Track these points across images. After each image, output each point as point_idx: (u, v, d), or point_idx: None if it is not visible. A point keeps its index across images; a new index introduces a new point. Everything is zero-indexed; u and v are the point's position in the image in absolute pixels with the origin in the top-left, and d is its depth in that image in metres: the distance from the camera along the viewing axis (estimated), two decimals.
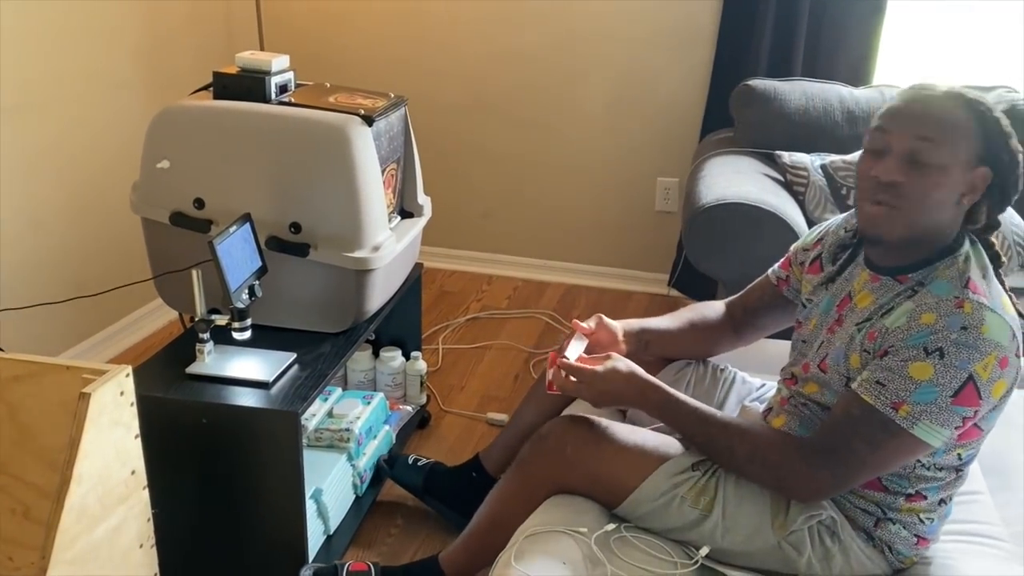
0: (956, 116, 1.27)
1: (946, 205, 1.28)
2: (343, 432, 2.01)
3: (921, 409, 1.23)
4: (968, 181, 1.28)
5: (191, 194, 1.85)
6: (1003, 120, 1.30)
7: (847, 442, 1.29)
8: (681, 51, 3.07)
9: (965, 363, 1.21)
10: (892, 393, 1.25)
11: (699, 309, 1.76)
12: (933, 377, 1.22)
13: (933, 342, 1.23)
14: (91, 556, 1.26)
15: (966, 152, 1.27)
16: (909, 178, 1.27)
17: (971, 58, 2.89)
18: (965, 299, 1.24)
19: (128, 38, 2.70)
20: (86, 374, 1.30)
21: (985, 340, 1.21)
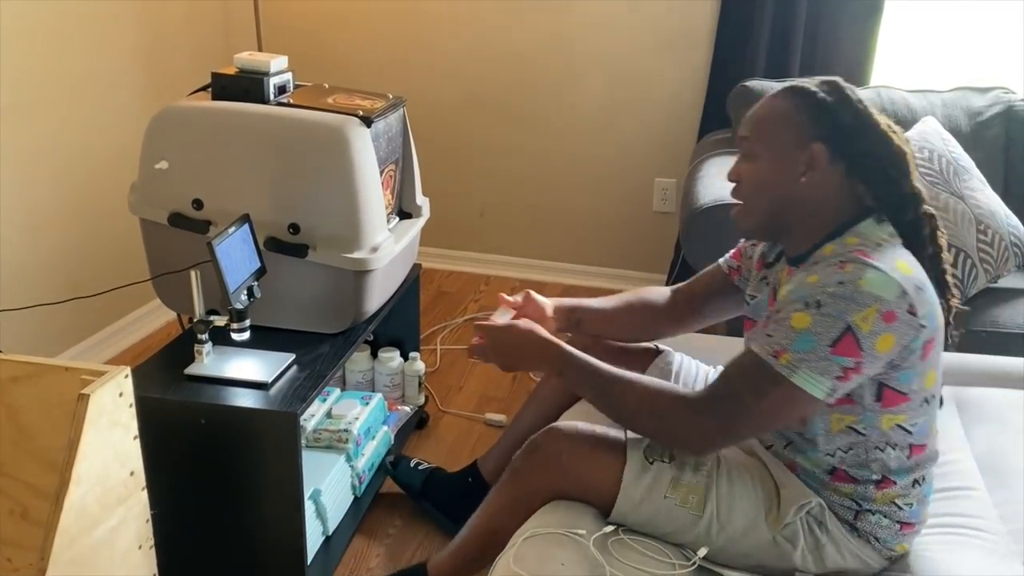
0: (775, 108, 1.38)
1: (786, 187, 1.36)
2: (342, 433, 2.01)
3: (800, 357, 1.26)
4: (803, 160, 1.35)
5: (190, 195, 1.85)
6: (844, 95, 1.35)
7: (734, 390, 1.31)
8: (679, 52, 3.07)
9: (842, 313, 1.24)
10: (775, 343, 1.28)
11: (642, 292, 1.79)
12: (811, 326, 1.25)
13: (812, 295, 1.27)
14: (90, 557, 1.26)
15: (791, 136, 1.35)
16: (743, 173, 1.41)
17: (969, 59, 2.90)
18: (848, 260, 1.28)
19: (126, 38, 2.70)
20: (85, 375, 1.30)
21: (862, 292, 1.24)
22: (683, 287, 1.77)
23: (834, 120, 1.34)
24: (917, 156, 2.31)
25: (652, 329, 1.77)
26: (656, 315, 1.75)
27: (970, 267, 2.23)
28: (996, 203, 2.35)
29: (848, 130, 1.34)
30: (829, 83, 1.37)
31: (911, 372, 1.31)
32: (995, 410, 1.79)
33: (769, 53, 2.90)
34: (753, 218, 1.42)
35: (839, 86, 1.37)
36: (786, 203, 1.38)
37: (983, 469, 1.63)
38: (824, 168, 1.34)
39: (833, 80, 1.38)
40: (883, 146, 1.36)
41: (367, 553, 1.96)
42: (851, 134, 1.34)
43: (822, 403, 1.28)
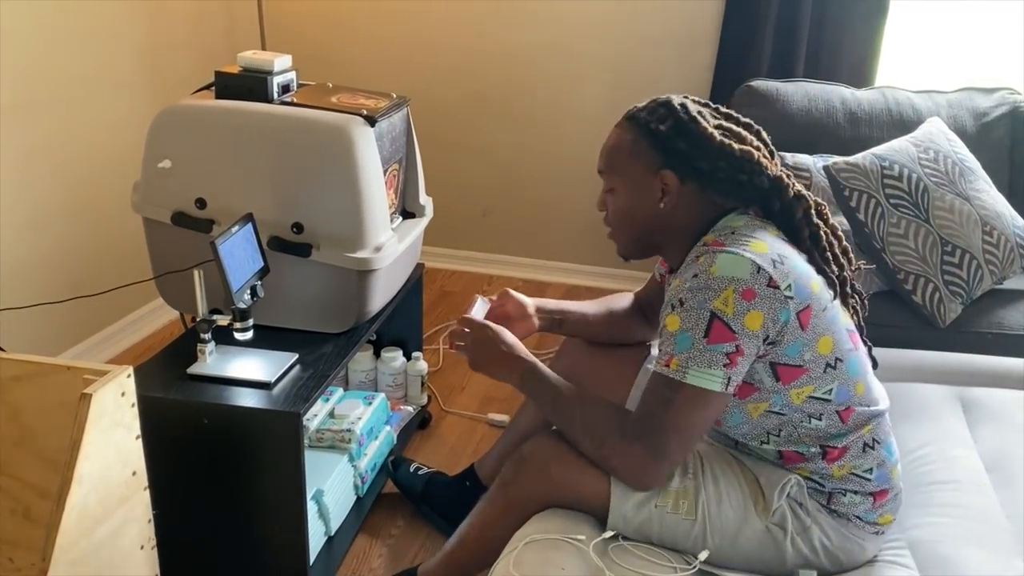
0: (619, 141, 1.46)
1: (648, 212, 1.43)
2: (344, 433, 2.01)
3: (686, 357, 1.30)
4: (657, 187, 1.41)
5: (193, 194, 1.85)
6: (678, 119, 1.39)
7: (648, 410, 1.34)
8: (683, 51, 3.06)
9: (702, 303, 1.29)
10: (663, 354, 1.33)
11: (616, 298, 1.85)
12: (681, 325, 1.31)
13: (675, 296, 1.33)
14: (92, 557, 1.26)
15: (639, 166, 1.42)
16: (608, 204, 1.49)
17: (974, 60, 2.89)
18: (700, 253, 1.34)
19: (130, 37, 2.70)
20: (87, 375, 1.30)
21: (715, 278, 1.29)
22: (640, 293, 1.82)
23: (671, 147, 1.39)
24: (923, 157, 2.31)
25: (627, 333, 1.81)
26: (628, 320, 1.80)
27: (975, 268, 2.22)
28: (1002, 204, 2.34)
29: (685, 154, 1.39)
30: (662, 106, 1.43)
31: (796, 344, 1.33)
32: (1001, 410, 1.79)
33: (774, 53, 2.90)
34: (623, 243, 1.51)
35: (671, 108, 1.42)
36: (651, 226, 1.45)
37: (988, 468, 1.63)
38: (677, 191, 1.41)
39: (665, 101, 1.43)
40: (724, 158, 1.39)
41: (369, 553, 1.96)
42: (690, 156, 1.39)
43: (725, 395, 1.31)
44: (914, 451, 1.67)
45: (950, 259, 2.21)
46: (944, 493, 1.55)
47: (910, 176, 2.27)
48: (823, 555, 1.39)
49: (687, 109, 1.41)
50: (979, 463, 1.64)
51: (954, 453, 1.66)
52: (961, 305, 2.22)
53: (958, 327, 2.20)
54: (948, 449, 1.67)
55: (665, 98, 1.44)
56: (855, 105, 2.61)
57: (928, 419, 1.75)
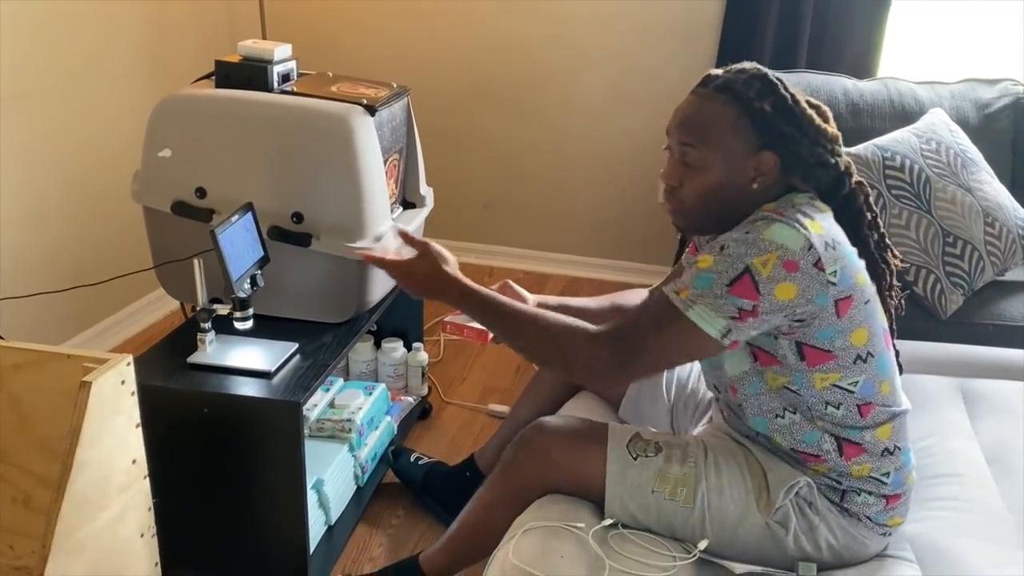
0: (719, 114, 1.35)
1: (733, 192, 1.36)
2: (345, 423, 2.01)
3: (698, 293, 1.28)
4: (753, 167, 1.35)
5: (193, 183, 1.85)
6: (780, 99, 1.34)
7: (637, 323, 1.33)
8: (685, 43, 3.05)
9: (742, 256, 1.27)
10: (681, 283, 1.31)
11: (624, 294, 1.81)
12: (712, 265, 1.28)
13: (720, 242, 1.31)
14: (92, 545, 1.26)
15: (738, 144, 1.34)
16: (684, 179, 1.38)
17: (976, 50, 2.88)
18: (759, 218, 1.31)
19: (130, 27, 2.69)
20: (87, 363, 1.30)
21: (764, 239, 1.27)
22: (657, 289, 1.77)
23: (776, 129, 1.34)
24: (925, 148, 2.31)
25: None
26: None
27: (977, 260, 2.22)
28: (1004, 195, 2.34)
29: (788, 137, 1.34)
30: (757, 79, 1.35)
31: (830, 329, 1.32)
32: (1002, 402, 1.79)
33: (776, 44, 2.89)
34: (695, 220, 1.42)
35: (769, 82, 1.36)
36: (733, 205, 1.37)
37: (989, 460, 1.63)
38: (773, 173, 1.36)
39: (760, 74, 1.36)
40: (819, 143, 1.37)
41: (370, 543, 1.96)
42: (791, 140, 1.35)
43: (717, 344, 1.29)
44: (915, 443, 1.66)
45: (951, 250, 2.21)
46: (945, 487, 1.55)
47: (912, 167, 2.26)
48: (827, 552, 1.39)
49: (784, 86, 1.36)
50: (980, 455, 1.64)
51: (955, 445, 1.66)
52: (962, 296, 2.21)
53: (959, 318, 2.20)
54: (949, 441, 1.67)
55: (755, 69, 1.37)
56: (857, 96, 2.60)
57: (929, 411, 1.75)
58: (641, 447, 1.44)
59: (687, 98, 1.41)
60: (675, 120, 1.40)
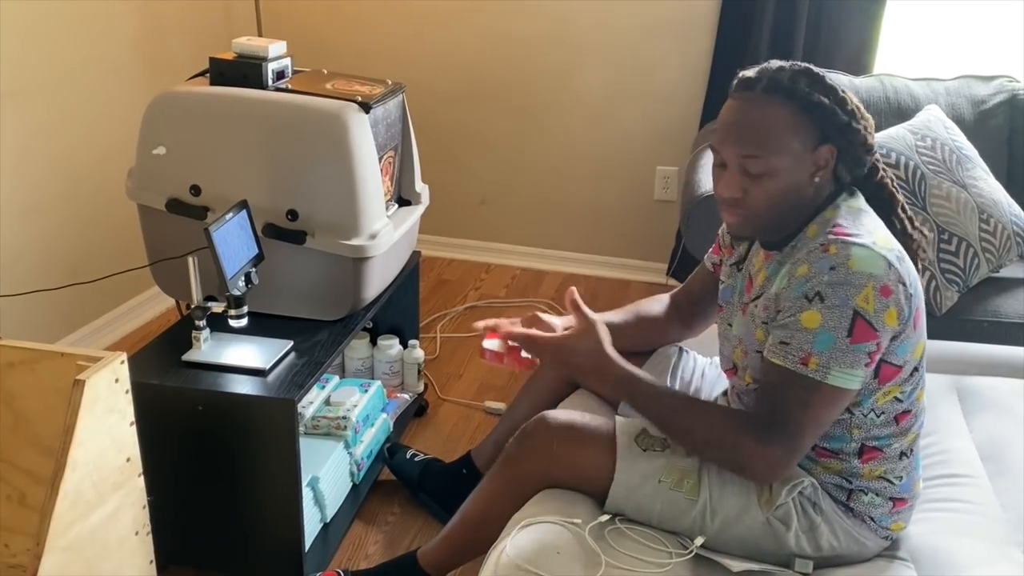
0: (776, 117, 1.30)
1: (798, 190, 1.33)
2: (340, 420, 2.01)
3: (827, 357, 1.26)
4: (813, 162, 1.32)
5: (187, 181, 1.84)
6: (829, 89, 1.32)
7: (783, 408, 1.29)
8: (681, 39, 3.05)
9: (845, 300, 1.24)
10: (796, 349, 1.27)
11: (645, 303, 1.78)
12: (823, 322, 1.25)
13: (811, 288, 1.27)
14: (86, 543, 1.26)
15: (799, 143, 1.31)
16: (748, 189, 1.33)
17: (972, 47, 2.88)
18: (830, 242, 1.28)
19: (125, 24, 2.69)
20: (81, 361, 1.30)
21: (856, 273, 1.25)
22: (680, 292, 1.77)
23: (833, 120, 1.32)
24: (920, 145, 2.31)
25: (660, 339, 1.77)
26: (661, 325, 1.75)
27: (972, 256, 2.22)
28: (999, 192, 2.34)
29: (843, 127, 1.33)
30: (803, 74, 1.33)
31: (907, 343, 1.32)
32: (996, 399, 1.79)
33: (772, 40, 2.88)
34: (760, 226, 1.38)
35: (815, 75, 1.34)
36: (798, 203, 1.35)
37: (984, 457, 1.63)
38: (831, 166, 1.34)
39: (803, 69, 1.33)
40: (866, 130, 1.36)
41: (365, 540, 1.96)
42: (846, 129, 1.33)
43: (860, 391, 1.30)
44: None
45: (947, 247, 2.21)
46: (941, 488, 1.54)
47: (907, 164, 2.26)
48: (827, 551, 1.39)
49: (830, 77, 1.34)
50: (974, 453, 1.63)
51: (950, 444, 1.65)
52: (957, 293, 2.21)
53: (954, 315, 2.20)
54: (944, 440, 1.67)
55: (793, 64, 1.34)
56: (853, 93, 2.59)
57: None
58: (649, 442, 1.44)
59: (732, 106, 1.35)
60: (727, 134, 1.34)
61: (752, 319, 1.41)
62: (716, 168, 1.39)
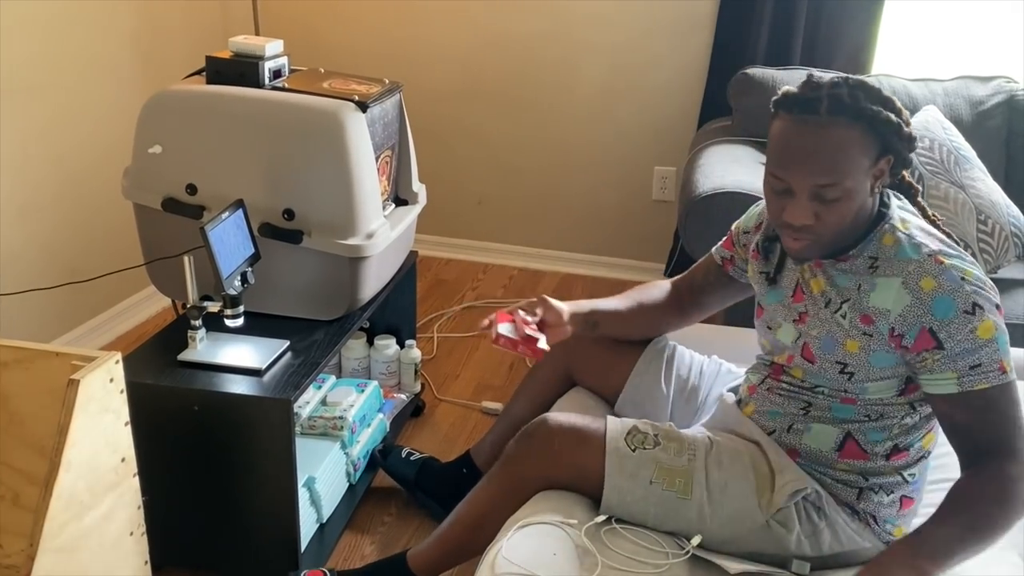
0: (847, 140, 1.26)
1: (864, 206, 1.33)
2: (336, 420, 2.00)
3: (1009, 355, 1.28)
4: (875, 174, 1.32)
5: (183, 180, 1.84)
6: (887, 101, 1.31)
7: (1007, 418, 1.28)
8: (679, 39, 3.05)
9: (991, 299, 1.29)
10: (989, 364, 1.27)
11: (646, 289, 1.77)
12: (995, 326, 1.27)
13: (962, 301, 1.27)
14: (80, 544, 1.26)
15: (868, 159, 1.29)
16: (819, 215, 1.30)
17: (971, 48, 2.88)
18: (935, 255, 1.30)
19: (122, 22, 2.68)
20: (75, 360, 1.29)
21: (978, 280, 1.29)
22: (681, 280, 1.75)
23: (895, 132, 1.30)
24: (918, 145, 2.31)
25: (660, 326, 1.76)
26: (661, 311, 1.74)
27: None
28: (997, 193, 2.34)
29: (905, 136, 1.31)
30: (858, 88, 1.29)
31: None
32: None
33: (770, 40, 2.88)
34: (830, 245, 1.35)
35: (870, 88, 1.30)
36: (860, 218, 1.34)
37: None
38: (887, 176, 1.34)
39: (857, 82, 1.30)
40: (914, 133, 1.35)
41: (361, 541, 1.96)
42: (903, 140, 1.32)
43: None
44: None
45: None
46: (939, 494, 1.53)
47: None
48: (827, 553, 1.39)
49: (883, 88, 1.32)
50: None
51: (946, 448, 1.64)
52: None
53: None
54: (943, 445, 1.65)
55: (846, 78, 1.31)
56: None
57: None
58: (639, 439, 1.44)
59: (795, 130, 1.28)
60: (797, 161, 1.28)
61: (838, 328, 1.37)
62: (776, 194, 1.33)
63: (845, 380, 1.39)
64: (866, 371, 1.36)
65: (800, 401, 1.45)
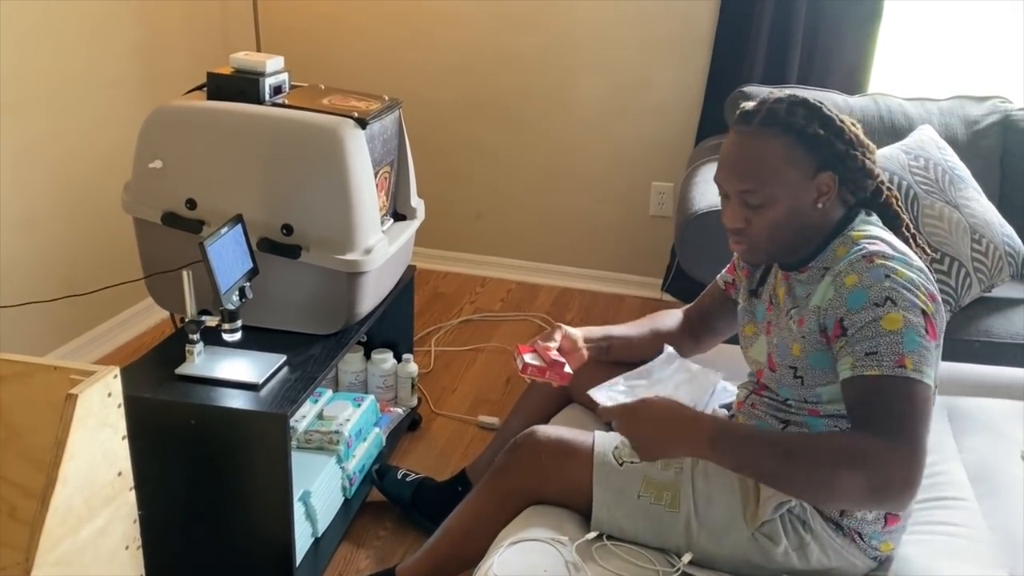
0: (771, 149, 1.34)
1: (801, 216, 1.37)
2: (332, 434, 2.01)
3: (918, 357, 1.25)
4: (814, 189, 1.36)
5: (183, 194, 1.85)
6: (826, 119, 1.35)
7: (897, 413, 1.24)
8: (677, 56, 3.07)
9: (913, 302, 1.27)
10: (888, 354, 1.25)
11: (659, 317, 1.80)
12: (905, 322, 1.26)
13: (876, 294, 1.28)
14: (76, 557, 1.26)
15: (797, 172, 1.34)
16: (749, 219, 1.38)
17: (966, 68, 2.90)
18: (871, 255, 1.32)
19: (123, 36, 2.70)
20: (74, 375, 1.30)
21: (909, 280, 1.29)
22: (692, 308, 1.79)
23: (830, 149, 1.35)
24: (913, 165, 2.33)
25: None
26: (674, 338, 1.75)
27: (964, 276, 2.23)
28: (991, 212, 2.35)
29: (841, 155, 1.36)
30: (799, 105, 1.36)
31: (937, 354, 1.34)
32: (987, 420, 1.79)
33: (767, 58, 2.90)
34: (767, 252, 1.43)
35: (812, 106, 1.36)
36: (801, 229, 1.39)
37: (973, 479, 1.62)
38: (835, 191, 1.37)
39: (800, 100, 1.37)
40: (867, 155, 1.39)
41: (356, 555, 1.96)
42: (844, 156, 1.36)
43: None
44: None
45: (939, 267, 2.22)
46: (929, 512, 1.53)
47: (900, 183, 2.28)
48: (816, 567, 1.40)
49: (826, 106, 1.37)
50: (963, 475, 1.63)
51: (940, 467, 1.64)
52: (949, 313, 2.22)
53: (946, 335, 2.15)
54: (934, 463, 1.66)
55: (792, 95, 1.37)
56: (847, 112, 2.59)
57: None
58: (627, 453, 1.45)
59: (731, 140, 1.39)
60: (726, 169, 1.39)
61: (788, 333, 1.41)
62: (721, 199, 1.43)
63: (799, 386, 1.42)
64: (812, 374, 1.39)
65: (778, 417, 1.47)
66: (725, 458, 1.31)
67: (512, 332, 3.01)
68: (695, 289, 2.92)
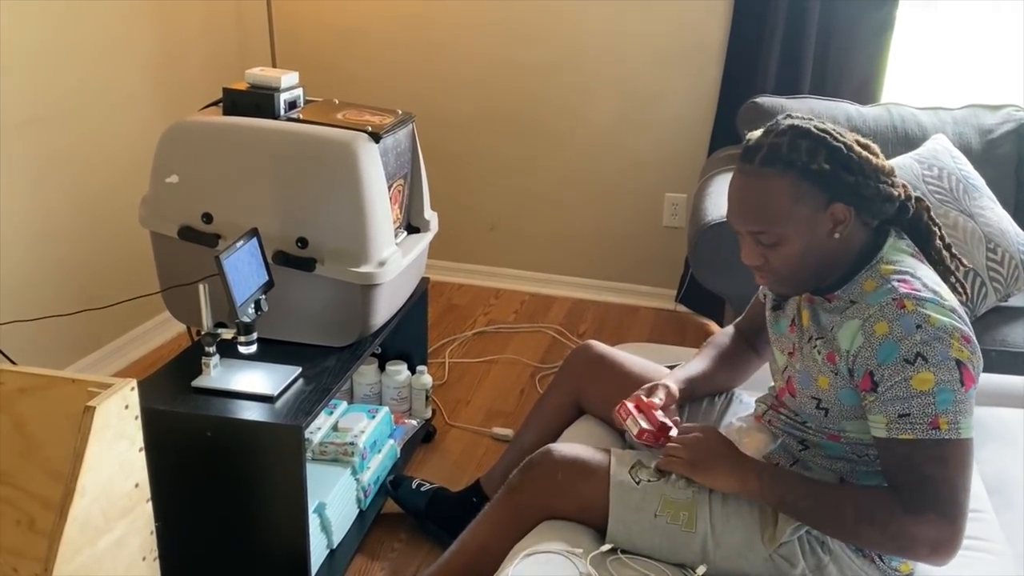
0: (775, 190, 1.30)
1: (819, 248, 1.33)
2: (347, 446, 2.02)
3: (953, 413, 1.24)
4: (829, 220, 1.32)
5: (199, 209, 1.87)
6: (832, 150, 1.30)
7: (931, 478, 1.24)
8: (690, 68, 3.08)
9: (946, 354, 1.24)
10: (921, 416, 1.24)
11: (716, 340, 1.77)
12: (937, 381, 1.24)
13: (907, 350, 1.25)
14: (94, 568, 1.27)
15: (806, 208, 1.30)
16: (766, 256, 1.36)
17: (980, 77, 2.89)
18: (902, 297, 1.28)
19: (140, 51, 2.73)
20: (92, 387, 1.31)
21: (941, 328, 1.25)
22: (742, 321, 1.77)
23: (838, 182, 1.30)
24: (927, 174, 2.32)
25: (744, 372, 1.76)
26: (740, 357, 1.74)
27: (980, 285, 2.22)
28: (1007, 221, 2.34)
29: (852, 185, 1.31)
30: (802, 137, 1.30)
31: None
32: (1004, 430, 1.78)
33: (780, 70, 2.91)
34: (793, 285, 1.40)
35: (816, 137, 1.31)
36: (823, 259, 1.35)
37: (990, 490, 1.61)
38: (849, 221, 1.33)
39: (804, 131, 1.31)
40: (881, 180, 1.35)
41: (371, 567, 1.96)
42: (856, 185, 1.32)
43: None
44: None
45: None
46: None
47: None
48: None
49: (832, 135, 1.32)
50: (981, 486, 1.62)
51: None
52: None
53: None
54: None
55: (796, 127, 1.32)
56: (860, 122, 2.61)
57: None
58: (645, 473, 1.45)
59: (736, 180, 1.36)
60: (734, 210, 1.37)
61: (813, 363, 1.39)
62: (739, 236, 1.40)
63: (822, 416, 1.40)
64: (839, 408, 1.37)
65: (796, 436, 1.47)
66: (771, 495, 1.37)
67: (526, 344, 3.01)
68: (709, 300, 2.94)
